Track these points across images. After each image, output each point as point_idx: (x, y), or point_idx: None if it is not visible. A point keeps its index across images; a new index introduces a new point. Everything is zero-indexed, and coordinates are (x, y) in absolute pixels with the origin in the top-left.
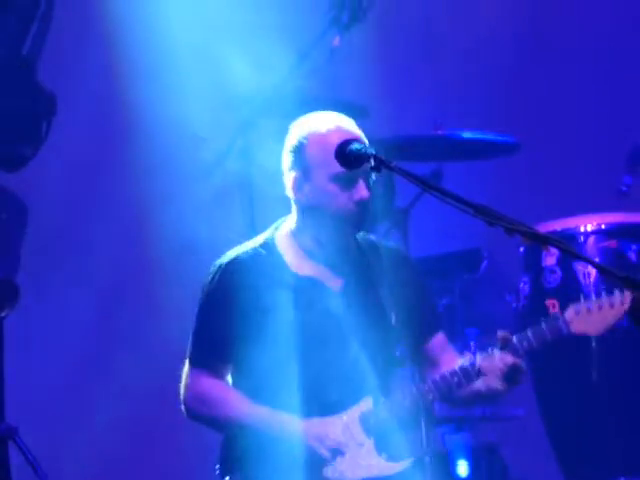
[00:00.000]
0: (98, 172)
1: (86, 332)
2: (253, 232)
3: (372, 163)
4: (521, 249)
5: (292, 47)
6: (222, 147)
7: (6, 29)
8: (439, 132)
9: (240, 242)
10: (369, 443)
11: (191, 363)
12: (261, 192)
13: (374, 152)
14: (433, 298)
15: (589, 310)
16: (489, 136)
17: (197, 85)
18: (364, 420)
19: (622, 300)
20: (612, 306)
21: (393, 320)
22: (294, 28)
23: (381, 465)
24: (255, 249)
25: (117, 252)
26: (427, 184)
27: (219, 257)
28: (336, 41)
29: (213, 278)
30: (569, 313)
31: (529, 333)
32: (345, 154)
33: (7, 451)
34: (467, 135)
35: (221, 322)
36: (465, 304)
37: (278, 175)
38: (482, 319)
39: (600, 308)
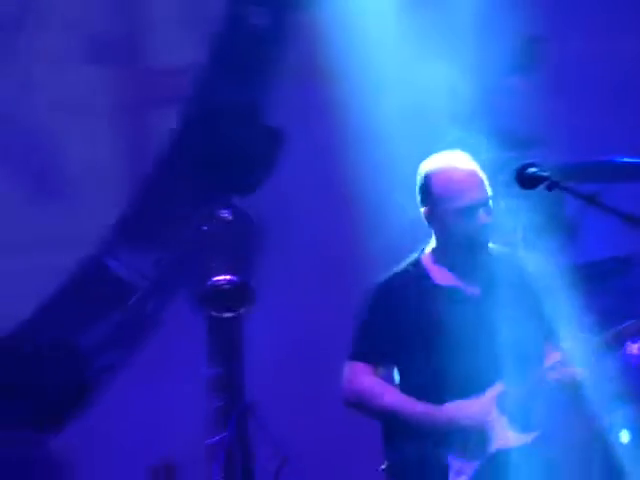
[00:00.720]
0: (325, 185)
1: (311, 317)
2: None
3: (546, 183)
4: None
5: (478, 81)
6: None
7: (238, 81)
8: (601, 158)
9: None
10: (503, 419)
11: (352, 358)
12: None
13: (549, 174)
14: (552, 305)
15: None
16: None
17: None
18: (499, 400)
19: None
20: None
21: (525, 318)
22: (479, 64)
23: (513, 438)
24: (407, 266)
25: (339, 250)
26: (593, 199)
27: None
28: (514, 83)
29: (376, 288)
30: None
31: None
32: (524, 176)
33: (247, 426)
34: (626, 159)
35: (380, 326)
36: (621, 305)
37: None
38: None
39: None
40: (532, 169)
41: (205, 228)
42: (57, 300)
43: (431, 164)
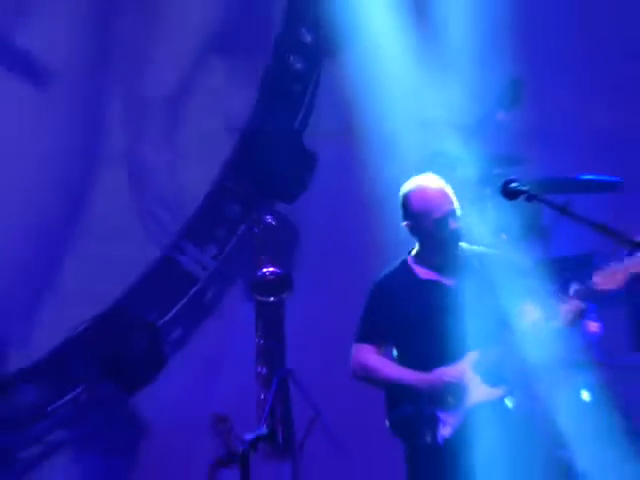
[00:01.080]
0: (347, 196)
1: (341, 297)
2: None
3: (526, 195)
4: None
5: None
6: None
7: (282, 113)
8: (569, 176)
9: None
10: (477, 379)
11: (358, 339)
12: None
13: (528, 188)
14: (517, 290)
15: (608, 272)
16: (602, 177)
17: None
18: (474, 365)
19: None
20: (627, 268)
21: (492, 303)
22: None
23: (485, 392)
24: (396, 267)
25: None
26: (564, 209)
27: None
28: (500, 116)
29: (374, 285)
30: (595, 278)
31: (574, 293)
32: (507, 190)
33: (288, 388)
34: (587, 177)
35: (379, 314)
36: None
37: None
38: (598, 299)
39: (615, 271)
40: (514, 184)
41: (255, 230)
42: (140, 286)
43: (408, 186)
